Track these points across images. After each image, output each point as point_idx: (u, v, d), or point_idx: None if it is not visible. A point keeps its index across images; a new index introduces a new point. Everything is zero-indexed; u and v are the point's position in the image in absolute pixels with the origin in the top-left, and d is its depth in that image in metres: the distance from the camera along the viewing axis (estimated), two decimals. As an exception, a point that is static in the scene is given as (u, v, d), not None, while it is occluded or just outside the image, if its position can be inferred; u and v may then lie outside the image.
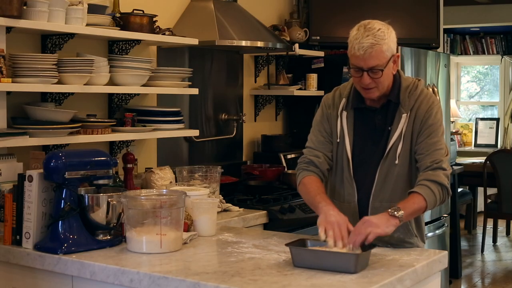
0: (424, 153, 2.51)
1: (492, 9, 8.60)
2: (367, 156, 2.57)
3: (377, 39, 2.41)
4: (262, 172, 4.07)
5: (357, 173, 2.57)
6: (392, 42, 2.47)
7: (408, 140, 2.53)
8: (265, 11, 4.57)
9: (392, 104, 2.56)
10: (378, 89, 2.50)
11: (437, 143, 2.51)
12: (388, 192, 2.54)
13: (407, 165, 2.55)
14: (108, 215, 2.52)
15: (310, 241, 2.33)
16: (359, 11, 4.71)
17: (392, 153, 2.53)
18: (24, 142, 2.81)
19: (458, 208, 6.18)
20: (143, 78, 3.35)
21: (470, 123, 9.60)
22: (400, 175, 2.54)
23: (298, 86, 4.55)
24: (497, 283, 5.98)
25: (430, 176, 2.46)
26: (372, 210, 2.54)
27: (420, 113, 2.54)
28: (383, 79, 2.48)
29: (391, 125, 2.55)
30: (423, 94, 2.58)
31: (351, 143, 2.58)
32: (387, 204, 2.48)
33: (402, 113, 2.53)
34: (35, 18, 2.82)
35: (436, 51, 4.90)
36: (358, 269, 2.14)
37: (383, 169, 2.54)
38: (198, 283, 2.04)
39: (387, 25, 2.49)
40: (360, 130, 2.59)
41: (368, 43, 2.41)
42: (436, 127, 2.54)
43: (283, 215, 3.49)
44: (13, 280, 2.53)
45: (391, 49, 2.46)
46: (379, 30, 2.43)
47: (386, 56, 2.45)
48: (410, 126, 2.53)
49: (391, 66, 2.49)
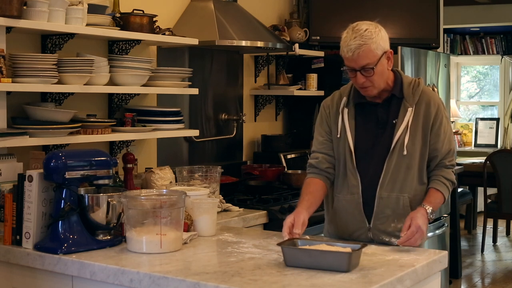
0: (439, 150, 2.64)
1: (492, 9, 8.60)
2: (370, 148, 2.64)
3: (364, 39, 2.50)
4: (262, 172, 4.07)
5: (360, 165, 2.64)
6: (382, 40, 2.54)
7: (416, 134, 2.62)
8: (265, 11, 4.57)
9: (395, 98, 2.64)
10: (374, 87, 2.58)
11: (450, 142, 2.67)
12: (398, 183, 2.61)
13: (417, 157, 2.62)
14: (108, 215, 2.52)
15: (300, 240, 2.34)
16: (359, 11, 4.71)
17: (400, 145, 2.60)
18: (24, 142, 2.81)
19: (458, 208, 6.18)
20: (143, 78, 3.35)
21: (470, 123, 9.61)
22: (410, 166, 2.62)
23: (298, 86, 4.55)
24: (497, 283, 5.98)
25: (446, 174, 2.65)
26: (379, 200, 2.61)
27: (431, 111, 2.63)
28: (377, 76, 2.55)
29: (396, 118, 2.62)
30: (427, 91, 2.68)
31: (353, 136, 2.64)
32: (394, 195, 2.60)
33: (407, 107, 2.62)
34: (35, 18, 2.82)
35: (436, 51, 4.90)
36: (351, 267, 2.15)
37: (391, 161, 2.61)
38: (198, 283, 2.04)
39: (375, 24, 2.58)
40: (362, 123, 2.67)
41: (356, 44, 2.50)
42: (447, 126, 2.67)
43: (283, 215, 3.48)
44: (13, 280, 2.53)
45: (381, 47, 2.53)
46: (366, 31, 2.52)
47: (376, 54, 2.52)
48: (417, 120, 2.62)
49: (385, 63, 2.57)
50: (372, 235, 2.64)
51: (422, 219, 2.49)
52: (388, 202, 2.61)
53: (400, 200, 2.60)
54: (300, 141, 4.68)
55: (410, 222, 2.47)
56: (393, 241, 2.60)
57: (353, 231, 2.67)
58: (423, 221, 2.49)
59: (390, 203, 2.61)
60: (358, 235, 2.66)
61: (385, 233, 2.62)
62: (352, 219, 2.66)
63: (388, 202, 2.61)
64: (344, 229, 2.70)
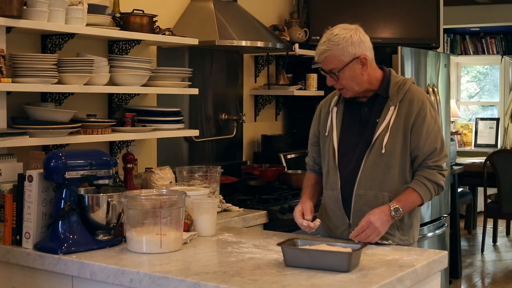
0: (420, 149, 2.59)
1: (492, 9, 8.60)
2: (351, 146, 2.67)
3: (329, 45, 2.54)
4: (262, 172, 4.07)
5: (342, 162, 2.67)
6: (352, 46, 2.55)
7: (397, 132, 2.60)
8: (265, 11, 4.57)
9: (380, 97, 2.65)
10: (347, 89, 2.62)
11: (435, 141, 2.60)
12: (377, 181, 2.61)
13: (398, 156, 2.60)
14: (108, 215, 2.52)
15: (300, 240, 2.34)
16: (359, 11, 4.71)
17: (378, 144, 2.60)
18: (24, 142, 2.81)
19: (458, 208, 6.18)
20: (143, 78, 3.35)
21: (470, 123, 9.61)
22: (390, 165, 2.60)
23: (298, 86, 4.55)
24: (497, 283, 5.98)
25: (428, 175, 2.58)
26: (356, 197, 2.63)
27: (413, 108, 2.61)
28: (346, 81, 2.58)
29: (379, 117, 2.63)
30: (413, 89, 2.66)
31: (338, 135, 2.68)
32: (372, 192, 2.60)
33: (390, 106, 2.62)
34: (35, 18, 2.82)
35: (436, 51, 4.90)
36: (351, 267, 2.15)
37: (369, 159, 2.61)
38: (198, 283, 2.04)
39: (351, 28, 2.58)
40: (348, 122, 2.70)
41: (322, 49, 2.57)
42: (433, 125, 2.62)
43: (283, 215, 3.49)
44: (13, 280, 2.53)
45: (349, 53, 2.55)
46: (335, 36, 2.55)
47: (342, 60, 2.55)
48: (400, 118, 2.60)
49: (356, 68, 2.57)
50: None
51: (378, 215, 2.49)
52: (366, 200, 2.61)
53: (378, 198, 2.59)
54: (300, 141, 4.67)
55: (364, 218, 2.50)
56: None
57: (336, 228, 2.71)
58: (378, 217, 2.49)
59: (368, 201, 2.61)
60: (341, 231, 2.69)
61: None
62: (333, 215, 2.71)
63: (366, 200, 2.61)
64: (329, 225, 2.75)
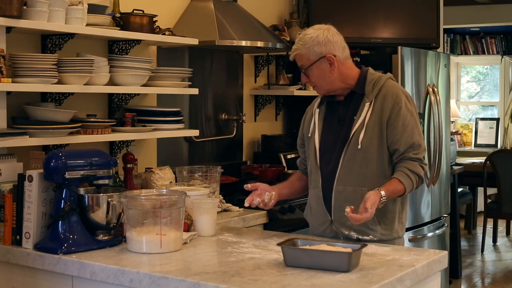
0: (398, 142, 2.62)
1: (492, 9, 8.60)
2: (331, 144, 2.72)
3: (298, 44, 2.66)
4: (262, 172, 4.07)
5: (322, 161, 2.73)
6: (318, 46, 2.63)
7: (373, 128, 2.63)
8: (265, 11, 4.57)
9: (356, 95, 2.71)
10: (318, 87, 2.72)
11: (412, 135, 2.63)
12: (355, 176, 2.64)
13: (375, 151, 2.63)
14: (108, 215, 2.52)
15: (300, 240, 2.35)
16: (359, 11, 4.72)
17: (355, 140, 2.64)
18: (24, 142, 2.81)
19: (458, 208, 6.18)
20: (143, 78, 3.35)
21: (470, 123, 9.61)
22: (368, 160, 2.63)
23: (298, 86, 4.55)
24: (497, 283, 5.98)
25: (411, 166, 2.60)
26: (336, 194, 2.68)
27: (388, 103, 2.65)
28: (315, 79, 2.68)
29: (355, 115, 2.68)
30: (387, 85, 2.69)
31: (320, 135, 2.74)
32: (350, 188, 2.64)
33: (365, 102, 2.67)
34: (35, 18, 2.82)
35: (436, 51, 4.90)
36: (351, 267, 2.15)
37: (347, 155, 2.65)
38: (198, 283, 2.04)
39: (321, 28, 2.67)
40: (328, 121, 2.76)
41: (293, 48, 2.69)
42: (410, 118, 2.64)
43: (283, 215, 3.49)
44: (13, 280, 2.53)
45: (315, 52, 2.64)
46: (305, 36, 2.66)
47: (309, 59, 2.65)
48: (375, 114, 2.64)
49: (324, 67, 2.66)
50: (335, 228, 2.68)
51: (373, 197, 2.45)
52: (346, 196, 2.64)
53: (357, 194, 2.60)
54: (300, 141, 4.67)
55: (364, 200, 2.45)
56: (352, 235, 2.64)
57: (320, 225, 2.74)
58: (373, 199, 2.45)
59: (347, 196, 2.63)
60: (324, 229, 2.72)
61: (345, 226, 2.65)
62: (316, 213, 2.75)
63: (345, 196, 2.64)
64: (313, 223, 2.79)
